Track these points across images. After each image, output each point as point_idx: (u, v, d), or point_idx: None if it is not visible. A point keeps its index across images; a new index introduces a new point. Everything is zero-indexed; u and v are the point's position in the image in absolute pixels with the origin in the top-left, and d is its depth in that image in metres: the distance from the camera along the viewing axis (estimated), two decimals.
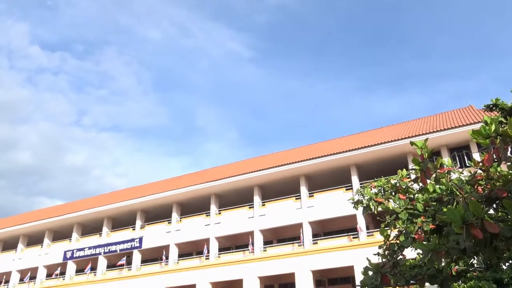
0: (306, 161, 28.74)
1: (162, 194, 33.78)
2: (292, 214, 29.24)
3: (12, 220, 46.57)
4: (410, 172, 7.68)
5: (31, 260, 39.74)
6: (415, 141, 4.87)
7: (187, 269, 31.28)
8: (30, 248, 41.01)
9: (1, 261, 41.93)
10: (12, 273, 40.31)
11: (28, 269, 39.58)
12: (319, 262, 26.87)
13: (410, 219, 5.76)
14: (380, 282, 5.36)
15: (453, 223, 3.67)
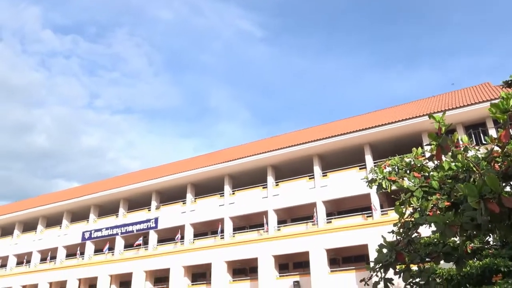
0: (319, 141, 28.65)
1: (176, 175, 34.12)
2: (306, 193, 29.33)
3: (32, 202, 47.64)
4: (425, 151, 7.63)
5: (51, 241, 40.76)
6: (433, 115, 4.77)
7: (203, 248, 31.78)
8: (50, 229, 42.01)
9: (22, 242, 43.10)
10: (33, 254, 41.46)
11: (48, 249, 40.64)
12: (333, 241, 27.04)
13: (425, 196, 5.73)
14: (395, 259, 5.36)
15: (469, 198, 3.61)
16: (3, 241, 44.98)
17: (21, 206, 46.94)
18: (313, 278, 26.69)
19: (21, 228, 44.47)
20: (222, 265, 30.50)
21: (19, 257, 42.97)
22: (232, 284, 30.60)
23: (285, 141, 33.06)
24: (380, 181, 6.87)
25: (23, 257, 42.48)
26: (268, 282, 28.30)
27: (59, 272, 38.58)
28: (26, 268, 41.37)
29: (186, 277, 32.69)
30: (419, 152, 7.09)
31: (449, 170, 5.72)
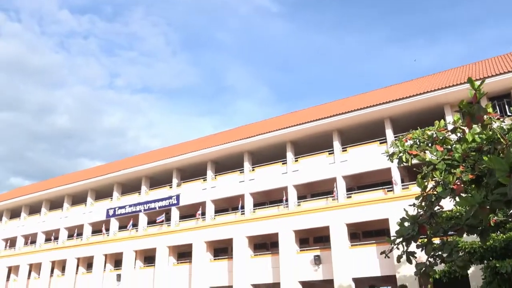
0: (338, 116, 28.37)
1: (196, 153, 34.42)
2: (325, 169, 29.26)
3: (57, 181, 48.91)
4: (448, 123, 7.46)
5: (77, 218, 41.94)
6: (472, 81, 4.54)
7: (224, 224, 32.24)
8: (75, 207, 43.18)
9: (49, 219, 44.48)
10: (60, 230, 42.81)
11: (75, 226, 41.88)
12: (353, 216, 27.07)
13: (448, 169, 5.64)
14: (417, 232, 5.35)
15: (498, 172, 3.42)
16: (31, 219, 46.52)
17: (47, 185, 48.27)
18: (334, 252, 26.90)
19: (48, 206, 45.82)
20: (243, 240, 30.95)
21: (47, 234, 44.45)
22: (253, 258, 31.09)
23: (304, 116, 32.85)
24: (401, 154, 6.80)
25: (51, 234, 43.92)
26: (288, 256, 28.65)
27: (85, 248, 39.82)
28: (54, 244, 42.81)
29: (208, 252, 33.35)
30: (441, 124, 6.96)
31: (472, 143, 5.60)
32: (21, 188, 63.05)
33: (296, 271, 28.34)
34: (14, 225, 47.75)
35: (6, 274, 45.86)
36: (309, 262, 28.22)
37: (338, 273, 26.37)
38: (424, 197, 6.02)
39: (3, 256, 46.41)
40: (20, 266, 44.34)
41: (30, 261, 43.85)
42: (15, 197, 47.24)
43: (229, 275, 31.14)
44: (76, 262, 40.74)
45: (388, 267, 24.87)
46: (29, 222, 46.39)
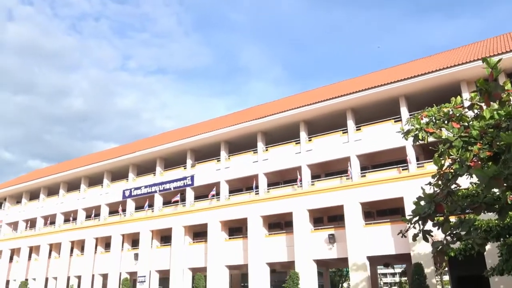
0: (352, 94, 28.07)
1: (210, 133, 34.52)
2: (339, 148, 29.14)
3: (74, 163, 49.70)
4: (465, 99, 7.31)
5: (94, 199, 42.71)
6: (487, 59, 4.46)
7: (238, 204, 32.51)
8: (92, 188, 43.92)
9: (67, 201, 45.38)
10: (78, 211, 43.69)
11: (92, 207, 42.68)
12: (367, 195, 27.03)
13: (465, 147, 5.55)
14: (434, 211, 5.30)
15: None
16: (50, 200, 47.51)
17: (64, 167, 49.09)
18: (348, 231, 27.00)
19: (66, 188, 46.69)
20: (257, 219, 31.21)
21: (65, 215, 45.41)
22: (268, 237, 31.39)
23: (318, 95, 32.59)
24: (416, 132, 6.70)
25: (69, 215, 44.86)
26: (303, 235, 28.85)
27: (103, 228, 40.64)
28: (73, 225, 43.75)
29: (223, 232, 33.76)
30: (458, 101, 6.82)
31: (490, 119, 5.49)
32: (39, 170, 64.26)
33: (310, 250, 28.57)
34: (34, 206, 48.88)
35: (28, 253, 47.20)
36: (323, 241, 28.41)
37: (352, 251, 26.52)
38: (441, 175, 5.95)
39: (24, 237, 47.68)
40: (40, 246, 45.53)
41: (50, 241, 44.97)
42: (34, 179, 48.22)
43: (244, 254, 31.55)
44: (95, 242, 41.66)
45: (403, 245, 24.91)
46: (48, 203, 47.41)
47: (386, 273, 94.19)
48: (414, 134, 6.66)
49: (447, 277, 44.75)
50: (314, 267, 29.05)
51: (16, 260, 48.47)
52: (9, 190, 51.09)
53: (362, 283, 25.91)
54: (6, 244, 49.13)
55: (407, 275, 39.99)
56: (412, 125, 6.82)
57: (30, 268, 46.65)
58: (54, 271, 44.08)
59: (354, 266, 26.44)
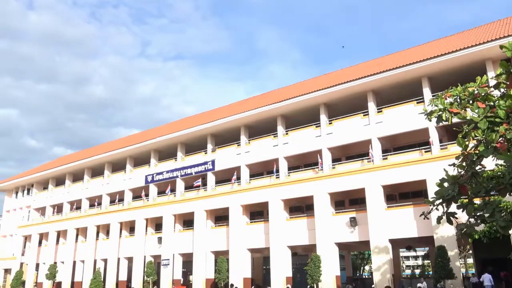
0: (373, 76, 27.59)
1: (230, 118, 34.57)
2: (360, 130, 28.83)
3: (97, 149, 50.62)
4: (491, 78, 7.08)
5: (117, 184, 43.53)
6: (504, 44, 4.33)
7: (259, 188, 32.64)
8: (116, 174, 44.73)
9: (92, 186, 46.39)
10: (102, 196, 44.64)
11: (116, 192, 43.55)
12: (389, 177, 26.75)
13: (490, 127, 5.40)
14: (458, 193, 5.20)
15: None
16: (75, 186, 48.65)
17: (88, 153, 50.07)
18: (370, 214, 26.87)
19: (90, 174, 47.69)
20: (278, 203, 31.32)
21: (91, 200, 46.46)
22: (289, 221, 31.51)
23: (338, 78, 32.17)
24: (440, 112, 6.55)
25: (94, 200, 45.89)
26: (324, 218, 28.86)
27: (127, 213, 41.47)
28: (98, 210, 44.76)
29: (245, 215, 34.04)
30: (483, 80, 6.63)
31: None
32: (64, 157, 65.71)
33: (332, 233, 28.60)
34: (60, 192, 50.15)
35: (56, 238, 48.63)
36: (344, 224, 28.37)
37: (374, 234, 26.42)
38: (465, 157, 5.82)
39: (52, 221, 49.07)
40: (67, 230, 46.81)
41: (77, 226, 46.17)
42: (59, 166, 49.37)
43: (266, 237, 31.80)
44: (119, 226, 42.59)
45: (426, 228, 24.68)
46: (74, 189, 48.56)
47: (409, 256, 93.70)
48: (438, 115, 6.51)
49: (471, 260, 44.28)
50: (336, 250, 29.11)
51: (45, 244, 50.04)
52: (36, 177, 52.53)
53: (384, 266, 25.86)
54: (35, 229, 50.71)
55: (430, 258, 39.71)
56: (436, 106, 6.66)
57: (58, 251, 48.10)
58: (81, 254, 45.36)
59: (376, 249, 26.36)
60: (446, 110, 6.26)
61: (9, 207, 57.90)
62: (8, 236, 56.12)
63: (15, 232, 53.96)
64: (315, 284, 26.94)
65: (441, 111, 6.34)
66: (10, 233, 55.43)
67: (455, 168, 6.20)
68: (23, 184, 56.01)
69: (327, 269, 27.64)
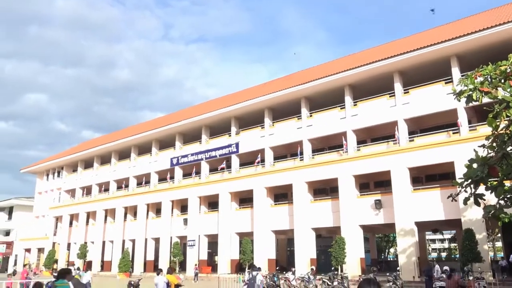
0: (399, 56, 26.94)
1: (253, 101, 34.52)
2: (386, 112, 28.35)
3: (124, 133, 51.51)
4: None
5: (144, 167, 44.33)
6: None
7: (283, 170, 32.67)
8: (142, 157, 45.52)
9: (119, 169, 47.40)
10: (130, 179, 45.59)
11: (142, 175, 44.38)
12: (415, 159, 26.32)
13: None
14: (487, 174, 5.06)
15: None
16: (103, 168, 49.81)
17: (115, 136, 51.04)
18: (395, 197, 26.58)
19: (117, 157, 48.68)
20: (302, 185, 31.32)
21: (118, 182, 47.54)
22: (313, 203, 31.52)
23: (364, 58, 31.55)
24: (470, 92, 6.36)
25: (121, 182, 46.93)
26: (349, 201, 28.74)
27: (153, 195, 42.28)
28: (125, 192, 45.78)
29: (269, 198, 34.21)
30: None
31: None
32: (92, 140, 67.23)
33: (356, 215, 28.49)
34: (89, 174, 51.48)
35: (85, 219, 50.13)
36: (369, 207, 28.19)
37: (399, 217, 26.17)
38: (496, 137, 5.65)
39: (81, 203, 50.55)
40: (96, 212, 48.15)
41: (105, 207, 47.42)
42: (87, 149, 50.58)
43: (290, 219, 31.94)
44: (146, 208, 43.51)
45: (453, 211, 24.29)
46: (102, 171, 49.74)
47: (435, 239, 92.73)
48: (468, 95, 6.31)
49: (499, 243, 43.43)
50: (360, 232, 29.03)
51: (76, 224, 51.67)
52: (66, 160, 54.04)
53: (410, 249, 25.66)
54: (66, 210, 52.36)
55: (457, 241, 39.20)
56: (465, 85, 6.46)
57: (88, 232, 49.62)
58: (110, 235, 46.67)
59: (401, 231, 26.15)
60: (477, 90, 6.07)
61: (41, 189, 59.89)
62: (40, 217, 58.20)
63: (47, 213, 55.90)
64: (339, 266, 27.02)
65: (471, 91, 6.15)
66: (43, 214, 57.46)
67: (485, 150, 6.04)
68: (53, 166, 57.73)
69: (351, 251, 27.64)
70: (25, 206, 62.81)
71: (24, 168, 62.29)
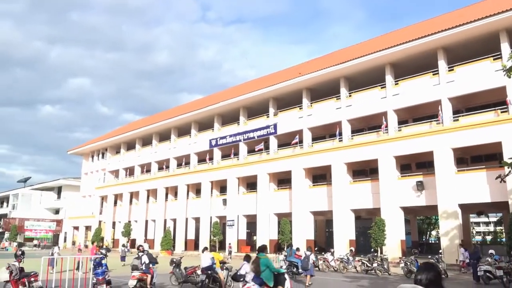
0: (443, 32, 25.77)
1: (291, 81, 34.21)
2: (429, 91, 27.38)
3: (163, 115, 52.55)
4: None
5: (183, 148, 45.18)
6: None
7: (321, 151, 32.41)
8: (181, 138, 46.38)
9: (160, 150, 48.56)
10: (170, 160, 46.64)
11: (182, 156, 45.26)
12: (460, 140, 25.38)
13: None
14: None
15: None
16: (145, 150, 51.18)
17: (155, 119, 52.17)
18: (438, 178, 25.83)
19: (158, 138, 49.83)
20: (341, 166, 30.98)
21: (159, 163, 48.77)
22: (353, 184, 31.18)
23: (404, 36, 30.44)
24: None
25: (162, 163, 48.10)
26: (389, 182, 28.21)
27: (193, 176, 43.10)
28: (166, 172, 46.93)
29: (307, 179, 34.11)
30: None
31: None
32: (134, 122, 69.02)
33: (397, 197, 27.97)
34: (131, 156, 53.07)
35: (129, 198, 51.90)
36: (411, 188, 27.57)
37: (442, 199, 25.47)
38: None
39: (125, 183, 52.29)
40: (139, 192, 49.70)
41: (147, 187, 48.84)
42: (129, 131, 52.04)
43: (329, 200, 31.78)
44: (186, 188, 44.47)
45: (500, 192, 23.38)
46: (144, 153, 51.14)
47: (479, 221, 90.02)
48: None
49: None
50: (401, 214, 28.53)
51: (120, 204, 53.64)
52: (109, 142, 55.90)
53: (453, 232, 25.00)
54: (110, 190, 54.38)
55: (504, 224, 37.84)
56: None
57: (131, 211, 51.41)
58: (152, 214, 48.16)
59: (444, 214, 25.48)
60: None
61: (87, 170, 62.38)
62: (87, 196, 60.77)
63: (93, 193, 58.29)
64: (379, 247, 26.74)
65: None
66: (89, 193, 59.96)
67: None
68: (98, 148, 59.88)
69: (391, 233, 27.24)
70: (73, 186, 65.78)
71: (71, 149, 65.03)
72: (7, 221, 64.03)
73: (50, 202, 68.26)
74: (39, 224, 59.91)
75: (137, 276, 13.16)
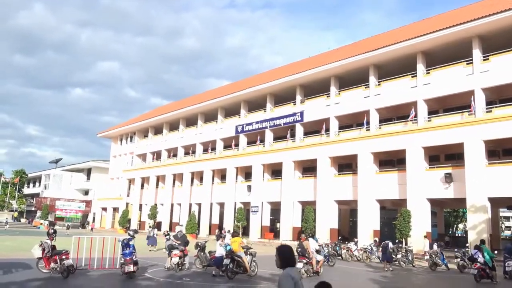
0: (479, 20, 24.86)
1: (319, 69, 33.83)
2: (462, 81, 26.60)
3: (190, 100, 52.98)
4: None
5: (210, 134, 45.53)
6: None
7: (348, 140, 32.08)
8: (208, 124, 46.72)
9: (187, 135, 49.10)
10: (196, 145, 47.13)
11: (208, 141, 45.65)
12: (493, 132, 24.63)
13: None
14: None
15: None
16: (172, 135, 51.85)
17: (183, 104, 52.66)
18: (468, 171, 25.22)
19: (185, 123, 50.35)
20: (368, 156, 30.60)
21: (185, 148, 49.36)
22: (379, 174, 30.81)
23: (437, 24, 29.55)
24: None
25: (189, 148, 48.65)
26: (416, 173, 27.73)
27: (219, 161, 43.46)
28: (192, 157, 47.48)
29: (333, 167, 33.89)
30: None
31: None
32: (161, 107, 69.87)
33: (424, 188, 27.48)
34: (158, 140, 53.87)
35: (155, 182, 52.84)
36: (439, 180, 27.04)
37: (471, 191, 24.88)
38: None
39: (152, 167, 53.22)
40: (166, 176, 50.51)
41: (174, 172, 49.57)
42: (157, 116, 52.74)
43: (354, 189, 31.53)
44: (212, 173, 44.91)
45: None
46: (171, 137, 51.82)
47: (509, 216, 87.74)
48: None
49: None
50: (428, 206, 28.05)
51: (146, 187, 54.69)
52: (137, 126, 56.84)
53: (481, 225, 24.43)
54: (137, 173, 55.48)
55: None
56: None
57: (158, 194, 52.37)
58: (177, 198, 48.93)
59: (472, 207, 24.91)
60: None
61: (115, 153, 63.74)
62: (115, 179, 62.20)
63: (121, 175, 59.60)
64: (403, 239, 26.43)
65: None
66: (117, 176, 61.34)
67: None
68: (126, 132, 61.00)
69: (417, 225, 26.84)
70: (102, 168, 67.44)
71: (100, 132, 66.50)
72: (39, 200, 66.39)
73: (80, 183, 70.29)
74: (70, 204, 61.79)
75: (178, 254, 14.45)
